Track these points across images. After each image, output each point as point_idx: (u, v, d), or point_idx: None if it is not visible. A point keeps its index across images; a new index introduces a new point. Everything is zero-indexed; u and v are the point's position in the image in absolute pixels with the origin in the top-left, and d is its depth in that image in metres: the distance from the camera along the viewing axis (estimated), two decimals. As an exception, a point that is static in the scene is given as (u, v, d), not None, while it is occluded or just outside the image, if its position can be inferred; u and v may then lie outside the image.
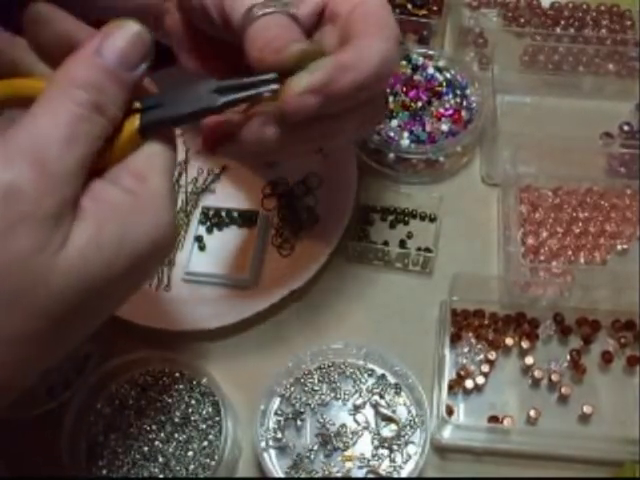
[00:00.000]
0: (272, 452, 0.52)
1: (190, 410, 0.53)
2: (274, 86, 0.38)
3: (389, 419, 0.53)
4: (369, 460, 0.52)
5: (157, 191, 0.33)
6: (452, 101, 0.68)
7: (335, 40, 0.43)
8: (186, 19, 0.49)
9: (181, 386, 0.54)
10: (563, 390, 0.55)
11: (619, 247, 0.62)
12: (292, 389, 0.55)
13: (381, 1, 0.43)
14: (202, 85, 0.36)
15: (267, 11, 0.40)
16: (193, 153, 0.68)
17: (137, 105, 0.34)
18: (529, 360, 0.56)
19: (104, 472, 0.51)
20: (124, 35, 0.33)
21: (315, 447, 0.52)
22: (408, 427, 0.52)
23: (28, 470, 0.53)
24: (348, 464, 0.52)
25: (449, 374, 0.55)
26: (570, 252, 0.61)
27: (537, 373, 0.55)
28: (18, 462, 0.53)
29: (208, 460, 0.51)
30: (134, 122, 0.33)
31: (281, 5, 0.41)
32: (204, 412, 0.53)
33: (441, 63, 0.70)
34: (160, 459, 0.51)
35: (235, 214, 0.64)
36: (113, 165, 0.33)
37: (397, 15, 0.73)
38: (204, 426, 0.52)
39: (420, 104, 0.67)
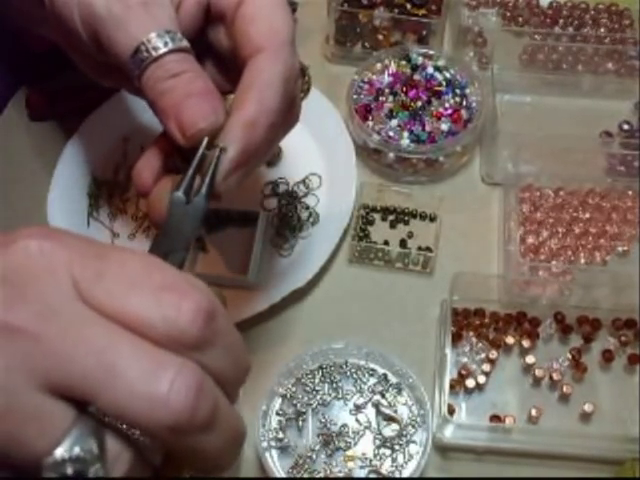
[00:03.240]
0: (274, 452, 0.52)
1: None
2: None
3: (391, 419, 0.53)
4: (371, 460, 0.52)
5: None
6: (452, 101, 0.68)
7: (228, 41, 0.42)
8: (65, 37, 0.44)
9: (182, 386, 0.54)
10: (564, 389, 0.55)
11: (619, 248, 0.62)
12: (293, 389, 0.55)
13: None
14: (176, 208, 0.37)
15: (159, 53, 0.38)
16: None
17: None
18: (530, 359, 0.56)
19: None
20: None
21: (317, 447, 0.52)
22: (410, 427, 0.52)
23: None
24: (350, 464, 0.52)
25: (450, 373, 0.55)
26: (570, 252, 0.61)
27: (538, 372, 0.55)
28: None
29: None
30: None
31: (165, 40, 0.38)
32: (205, 412, 0.53)
33: (441, 63, 0.70)
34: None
35: (235, 214, 0.63)
36: None
37: (396, 15, 0.73)
38: (205, 426, 0.52)
39: (420, 104, 0.67)
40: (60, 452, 0.25)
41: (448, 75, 0.69)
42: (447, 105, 0.67)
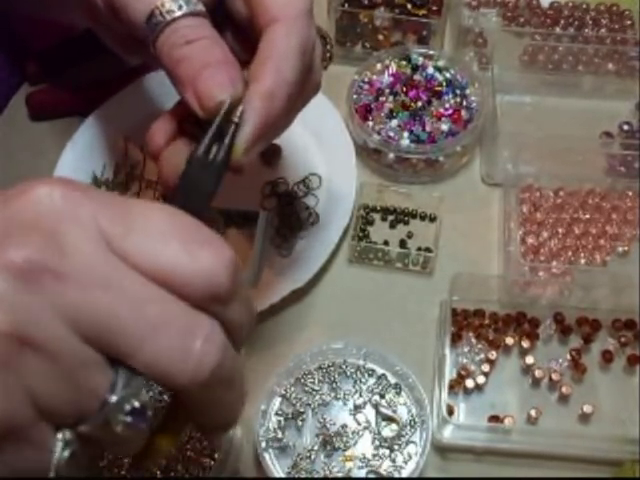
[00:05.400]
0: (272, 452, 0.52)
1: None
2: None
3: (390, 419, 0.53)
4: (370, 460, 0.52)
5: None
6: (452, 101, 0.68)
7: (245, 9, 0.41)
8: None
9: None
10: (563, 389, 0.55)
11: (619, 249, 0.62)
12: (292, 389, 0.55)
13: None
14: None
15: (173, 17, 0.38)
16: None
17: None
18: (529, 360, 0.56)
19: (104, 472, 0.51)
20: None
21: (315, 447, 0.52)
22: (409, 427, 0.52)
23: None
24: (349, 464, 0.52)
25: (449, 374, 0.55)
26: (570, 253, 0.61)
27: (537, 372, 0.55)
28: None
29: (208, 460, 0.51)
30: None
31: (179, 3, 0.38)
32: (204, 412, 0.53)
33: (441, 63, 0.70)
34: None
35: (235, 214, 0.63)
36: None
37: (397, 15, 0.73)
38: (204, 426, 0.52)
39: (420, 104, 0.67)
40: (118, 393, 0.26)
41: (448, 75, 0.69)
42: (447, 105, 0.67)
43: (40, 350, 0.24)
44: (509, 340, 0.57)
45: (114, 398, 0.26)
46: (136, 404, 0.26)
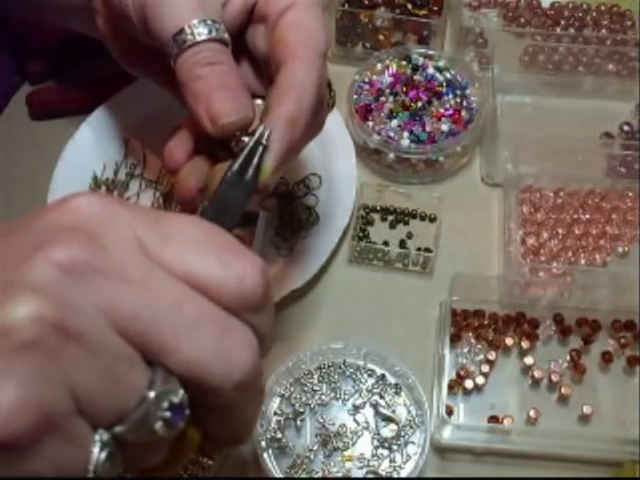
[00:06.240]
0: (272, 452, 0.52)
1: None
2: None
3: (389, 419, 0.53)
4: (369, 460, 0.52)
5: None
6: (452, 101, 0.68)
7: (264, 44, 0.44)
8: (112, 22, 0.48)
9: (181, 386, 0.54)
10: (563, 390, 0.55)
11: (619, 249, 0.62)
12: (292, 389, 0.55)
13: (312, 9, 0.43)
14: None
15: (201, 39, 0.40)
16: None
17: None
18: (529, 360, 0.56)
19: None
20: None
21: (315, 447, 0.52)
22: (408, 427, 0.52)
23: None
24: (348, 464, 0.52)
25: (449, 374, 0.55)
26: (570, 253, 0.61)
27: (537, 373, 0.55)
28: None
29: (208, 460, 0.51)
30: None
31: (209, 28, 0.41)
32: (204, 412, 0.53)
33: (441, 63, 0.70)
34: (160, 459, 0.51)
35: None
36: None
37: (397, 15, 0.73)
38: (204, 426, 0.52)
39: (420, 104, 0.67)
40: (156, 389, 0.26)
41: (449, 75, 0.69)
42: (447, 105, 0.67)
43: (82, 343, 0.25)
44: (509, 341, 0.57)
45: (153, 394, 0.26)
46: (175, 400, 0.27)
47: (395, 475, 0.51)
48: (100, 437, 0.26)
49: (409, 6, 0.74)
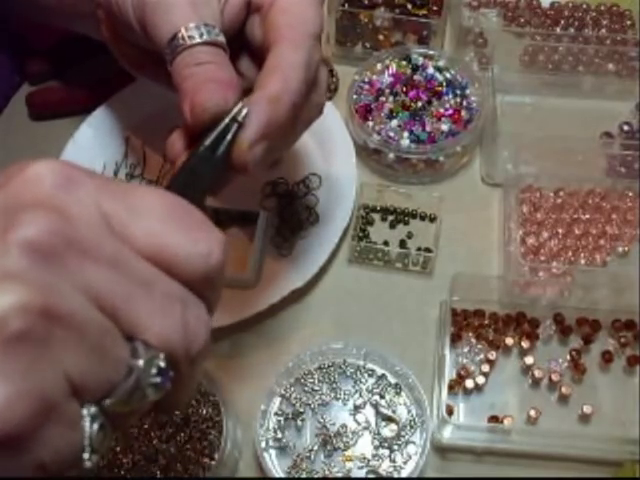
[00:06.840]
0: (272, 452, 0.52)
1: (190, 410, 0.53)
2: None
3: (389, 419, 0.53)
4: (369, 460, 0.52)
5: None
6: (452, 101, 0.68)
7: (260, 33, 0.45)
8: (116, 30, 0.49)
9: (181, 386, 0.54)
10: (563, 390, 0.55)
11: (619, 249, 0.62)
12: (292, 389, 0.55)
13: None
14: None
15: (193, 42, 0.41)
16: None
17: None
18: (529, 360, 0.56)
19: (104, 472, 0.51)
20: None
21: (315, 447, 0.52)
22: (408, 427, 0.52)
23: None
24: (348, 464, 0.52)
25: (449, 374, 0.55)
26: (570, 253, 0.61)
27: (537, 373, 0.55)
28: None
29: (208, 460, 0.51)
30: None
31: (202, 32, 0.41)
32: (204, 412, 0.53)
33: (441, 63, 0.70)
34: (160, 459, 0.51)
35: (235, 214, 0.63)
36: None
37: (397, 15, 0.73)
38: (204, 426, 0.52)
39: (420, 104, 0.67)
40: (142, 357, 0.27)
41: (448, 75, 0.69)
42: (447, 105, 0.67)
43: (68, 324, 0.25)
44: (509, 340, 0.57)
45: (141, 362, 0.27)
46: (162, 364, 0.27)
47: (395, 475, 0.51)
48: (88, 411, 0.26)
49: (409, 6, 0.74)
